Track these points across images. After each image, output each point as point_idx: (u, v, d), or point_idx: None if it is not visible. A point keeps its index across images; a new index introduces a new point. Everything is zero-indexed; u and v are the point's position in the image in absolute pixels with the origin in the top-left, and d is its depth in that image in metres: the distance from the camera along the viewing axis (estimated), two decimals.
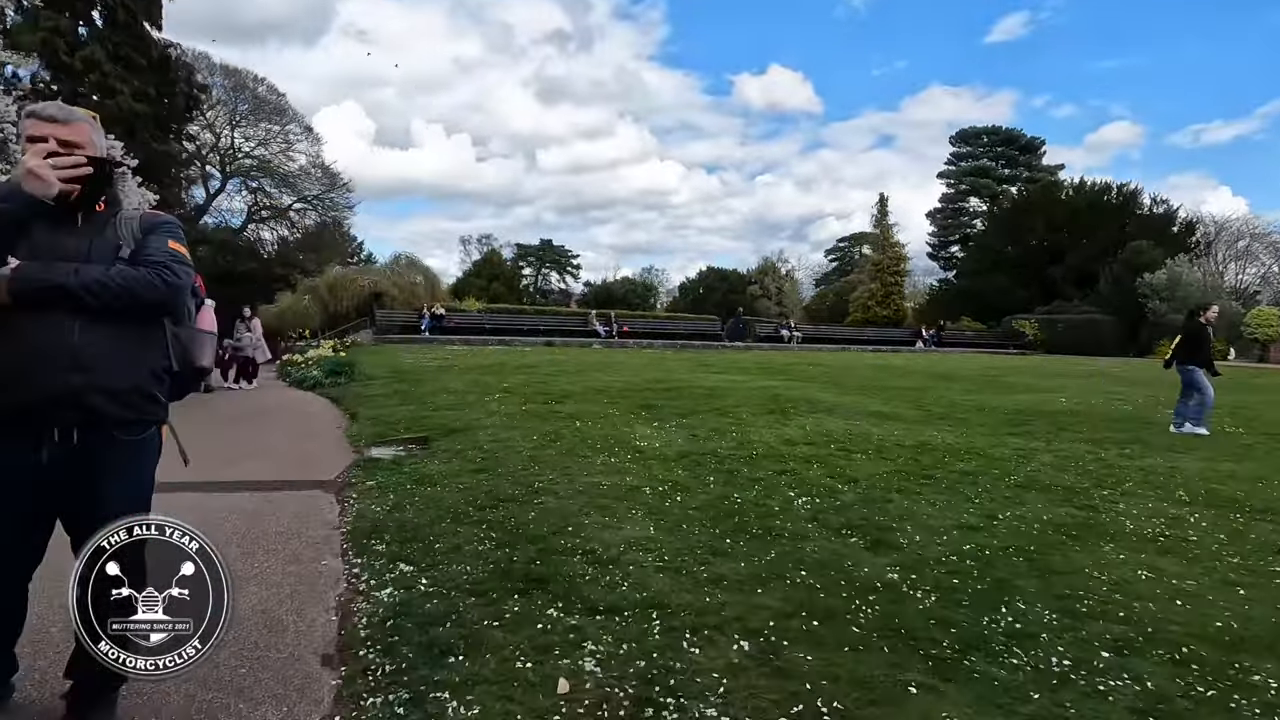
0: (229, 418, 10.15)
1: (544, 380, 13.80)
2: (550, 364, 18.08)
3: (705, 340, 31.55)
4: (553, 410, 9.68)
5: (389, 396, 11.38)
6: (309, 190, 43.89)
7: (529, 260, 79.38)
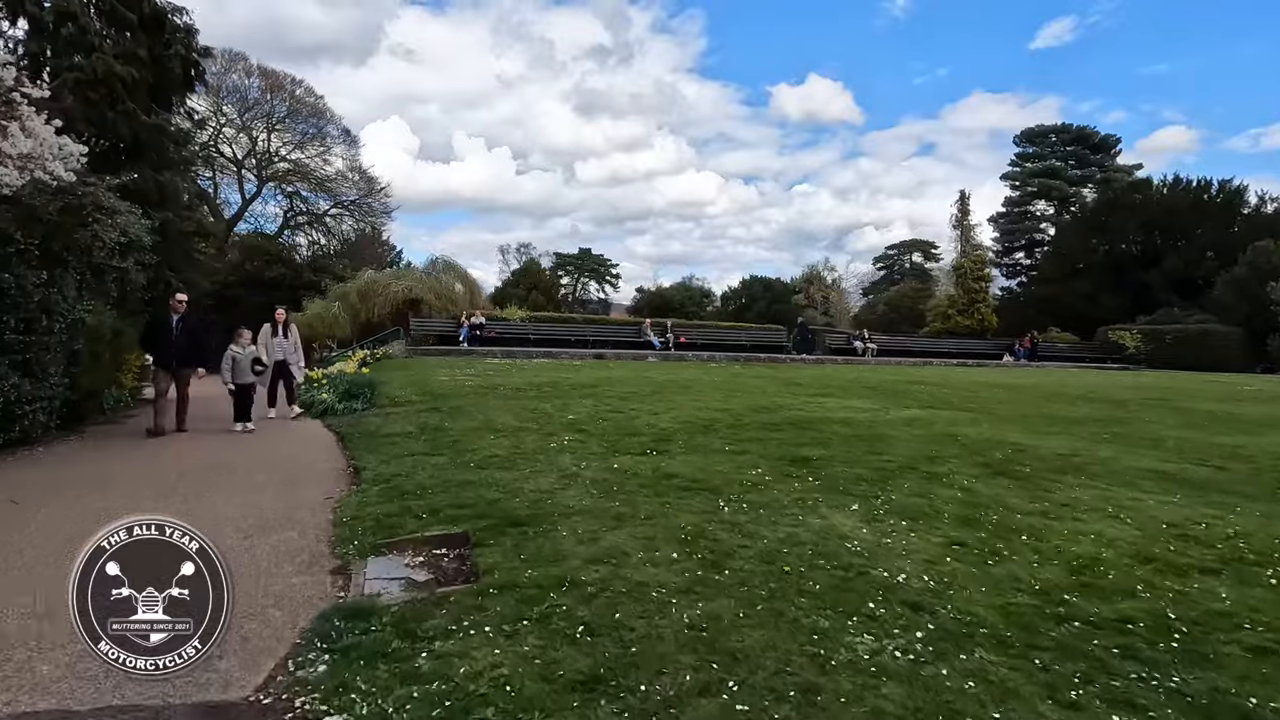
0: (145, 477, 6.73)
1: (618, 410, 10.23)
2: (612, 383, 14.54)
3: (770, 352, 27.79)
4: (661, 469, 6.12)
5: (414, 437, 7.93)
6: (346, 195, 41.36)
7: (567, 269, 76.67)
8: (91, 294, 9.70)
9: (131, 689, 2.40)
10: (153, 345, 9.10)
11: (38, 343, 7.49)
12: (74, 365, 8.85)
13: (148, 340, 9.20)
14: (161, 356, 8.96)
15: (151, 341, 9.09)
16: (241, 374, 9.52)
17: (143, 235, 10.72)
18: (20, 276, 7.15)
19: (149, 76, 13.32)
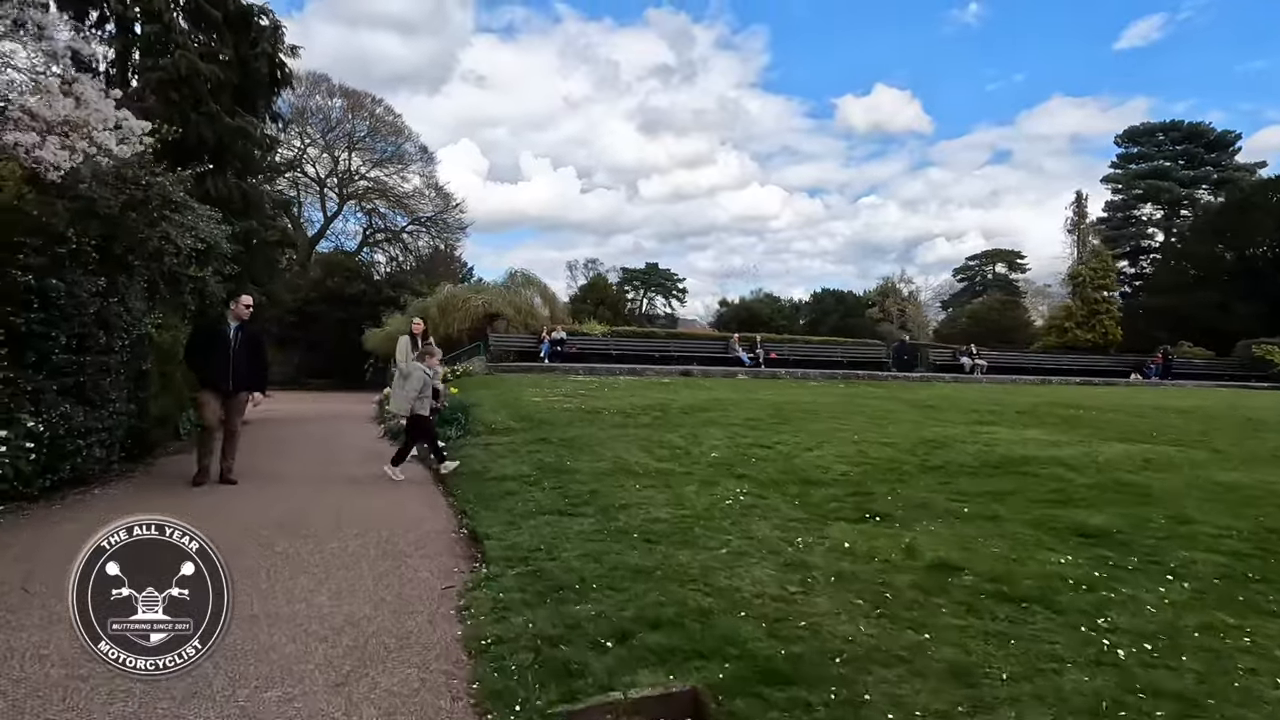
0: None
1: (761, 443, 8.36)
2: (724, 406, 12.61)
3: (868, 369, 25.32)
4: (913, 550, 4.21)
5: (534, 483, 6.22)
6: (422, 211, 41.04)
7: (633, 284, 75.54)
8: (164, 307, 8.44)
9: None
10: (200, 359, 6.78)
11: (94, 363, 6.13)
12: (141, 388, 7.53)
13: (193, 353, 6.86)
14: (212, 375, 6.72)
15: (198, 354, 6.81)
16: (425, 403, 7.52)
17: (221, 240, 9.47)
18: (73, 283, 5.79)
19: (234, 78, 12.32)
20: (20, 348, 5.49)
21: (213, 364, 6.72)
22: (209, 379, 6.77)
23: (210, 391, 6.76)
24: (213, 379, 6.76)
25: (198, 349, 6.86)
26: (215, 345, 6.74)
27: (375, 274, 38.16)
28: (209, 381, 6.77)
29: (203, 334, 6.99)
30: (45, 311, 5.60)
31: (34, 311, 5.51)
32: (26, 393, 5.48)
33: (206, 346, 6.79)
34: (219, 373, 6.73)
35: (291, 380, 31.41)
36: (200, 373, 6.84)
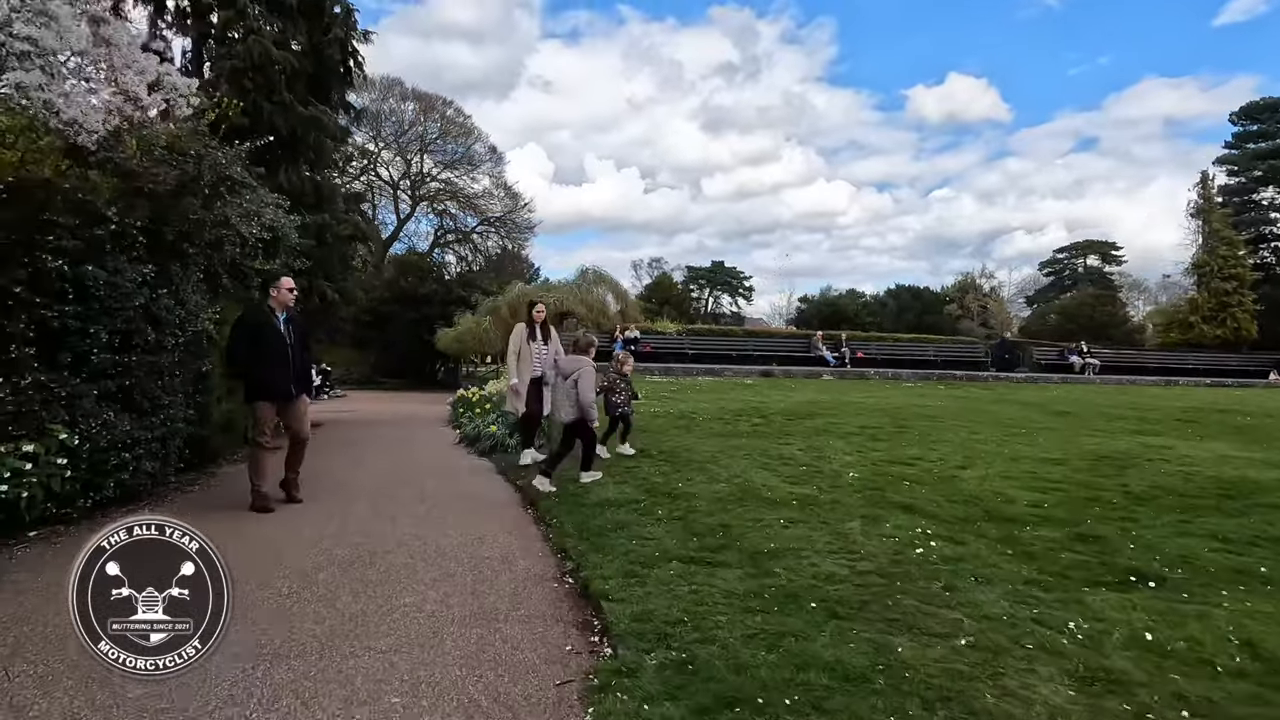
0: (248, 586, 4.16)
1: (901, 459, 6.95)
2: (827, 411, 11.14)
3: (965, 369, 23.16)
4: (1240, 641, 2.65)
5: (647, 513, 5.02)
6: (492, 211, 40.81)
7: (699, 283, 74.13)
8: (228, 301, 7.65)
9: None
10: (249, 361, 5.42)
11: (141, 364, 5.27)
12: (201, 391, 6.72)
13: (239, 354, 5.47)
14: (269, 380, 5.44)
15: (247, 355, 5.42)
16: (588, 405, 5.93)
17: (289, 231, 8.68)
18: (115, 271, 4.92)
19: (307, 66, 11.66)
20: (53, 346, 4.64)
21: (267, 365, 5.41)
22: (264, 385, 5.44)
23: (266, 401, 5.49)
24: (269, 384, 5.46)
25: (244, 348, 5.43)
26: (267, 342, 5.41)
27: (446, 274, 38.12)
28: (264, 388, 5.44)
29: (248, 329, 5.45)
30: (82, 304, 4.74)
31: (69, 303, 4.66)
32: (61, 399, 4.63)
33: (255, 344, 5.40)
34: (277, 376, 5.47)
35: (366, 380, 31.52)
36: (252, 378, 5.45)
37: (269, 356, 5.44)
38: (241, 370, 5.56)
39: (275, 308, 5.60)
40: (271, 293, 5.66)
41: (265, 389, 5.49)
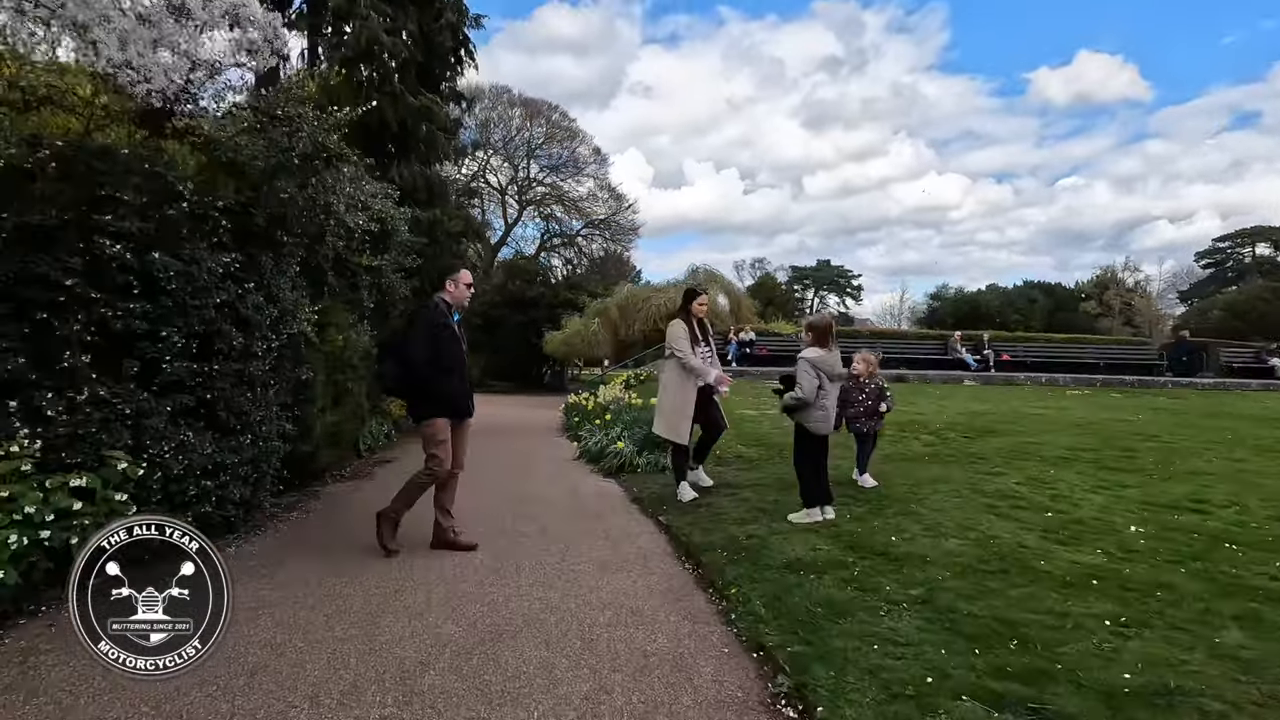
0: (355, 675, 2.94)
1: (1179, 503, 5.04)
2: (1005, 424, 9.12)
3: (1134, 373, 19.81)
4: None
5: (856, 575, 3.52)
6: (596, 213, 40.27)
7: (804, 283, 71.09)
8: (335, 301, 6.80)
9: None
10: (428, 368, 4.26)
11: (225, 373, 4.32)
12: (302, 403, 5.82)
13: (419, 357, 4.27)
14: (449, 392, 4.36)
15: (426, 361, 4.26)
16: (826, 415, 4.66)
17: (399, 223, 7.80)
18: (191, 260, 3.97)
19: (417, 54, 10.94)
20: (116, 353, 3.72)
21: (448, 376, 4.32)
22: (445, 399, 4.34)
23: (445, 419, 4.38)
24: (451, 399, 4.37)
25: (425, 354, 4.26)
26: (446, 348, 4.32)
27: (552, 278, 37.94)
28: (445, 402, 4.35)
29: (427, 331, 4.31)
30: (151, 300, 3.81)
31: (134, 300, 3.73)
32: (125, 418, 3.70)
33: (434, 350, 4.28)
34: (459, 388, 4.41)
35: (476, 383, 31.70)
36: (430, 390, 4.31)
37: (450, 365, 4.36)
38: (420, 381, 4.31)
39: (452, 307, 4.51)
40: (448, 287, 4.54)
41: (446, 403, 4.38)
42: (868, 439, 5.69)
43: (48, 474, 3.39)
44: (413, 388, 4.40)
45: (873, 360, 5.70)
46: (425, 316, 4.43)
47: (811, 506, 4.67)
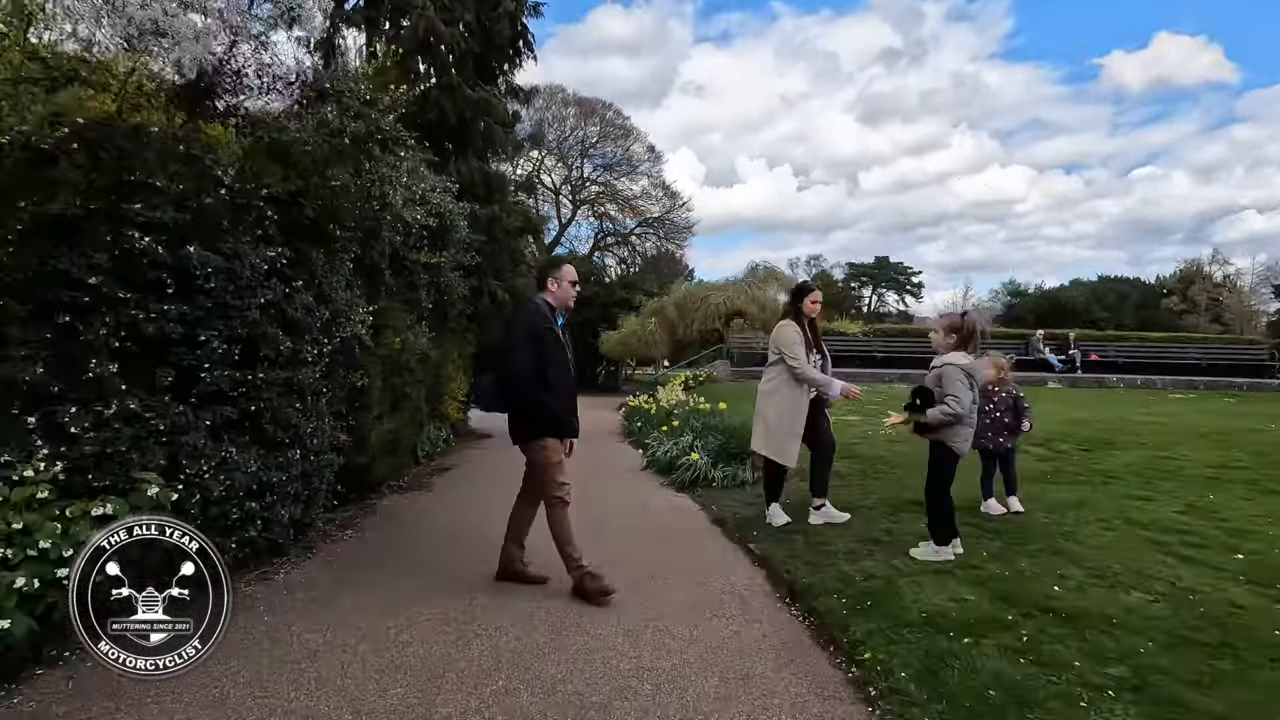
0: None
1: None
2: (1109, 434, 8.08)
3: (1247, 377, 17.98)
4: None
5: (1030, 649, 2.67)
6: (650, 211, 39.67)
7: (861, 280, 68.88)
8: (392, 301, 6.35)
9: None
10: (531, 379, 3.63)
11: (272, 381, 3.85)
12: (357, 412, 5.37)
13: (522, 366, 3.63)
14: (558, 407, 3.72)
15: (530, 371, 3.62)
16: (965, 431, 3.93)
17: (458, 218, 7.33)
18: (233, 255, 3.51)
19: (474, 45, 10.51)
20: (148, 360, 3.27)
21: (556, 388, 3.66)
22: (554, 415, 3.71)
23: (555, 439, 3.76)
24: (561, 415, 3.74)
25: (529, 362, 3.59)
26: (551, 356, 3.65)
27: (606, 277, 37.53)
28: (555, 419, 3.72)
29: (530, 335, 3.63)
30: (187, 300, 3.34)
31: (169, 300, 3.28)
32: (159, 435, 3.25)
33: (538, 359, 3.61)
34: (569, 403, 3.79)
35: None
36: (535, 405, 3.66)
37: (558, 375, 3.68)
38: (523, 396, 3.66)
39: (555, 306, 3.84)
40: (549, 286, 3.85)
41: (554, 421, 3.73)
42: (1000, 458, 4.86)
43: (71, 499, 2.95)
44: (514, 404, 3.75)
45: (1004, 364, 4.86)
46: (525, 321, 3.74)
47: (945, 543, 3.91)
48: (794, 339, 4.67)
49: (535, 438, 3.74)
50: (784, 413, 4.72)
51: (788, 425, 4.72)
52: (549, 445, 3.73)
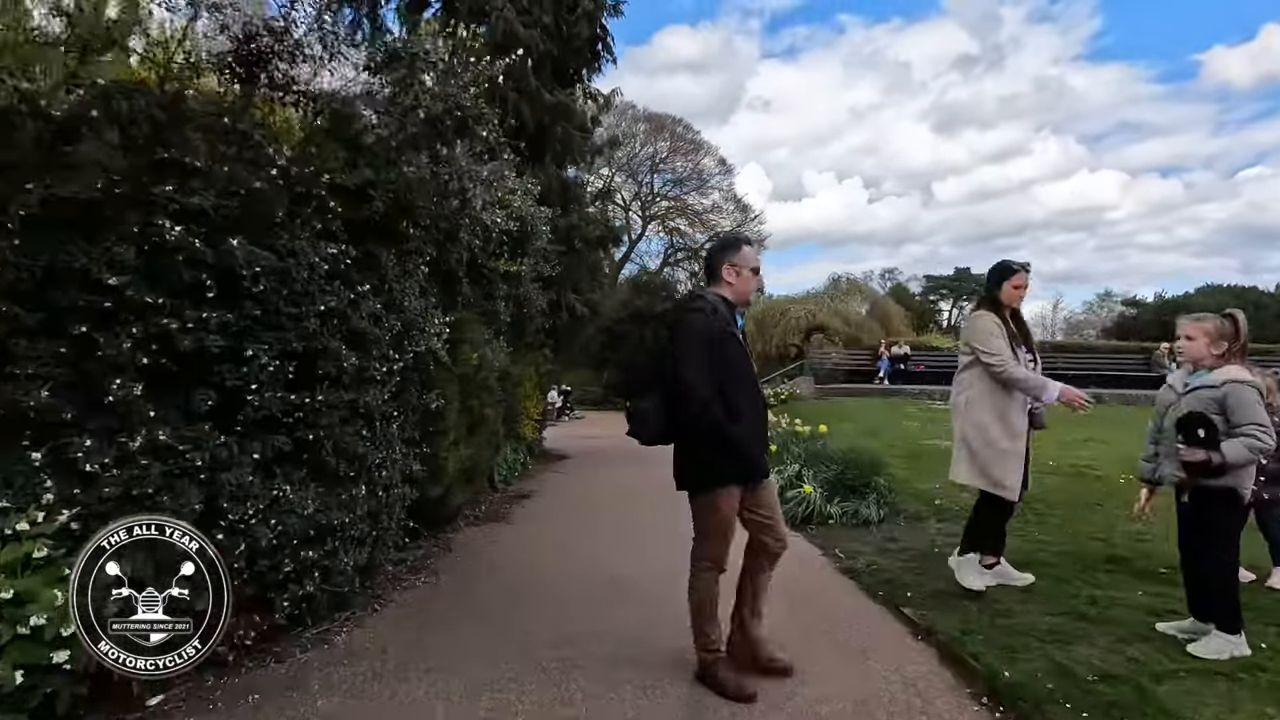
0: None
1: None
2: None
3: None
4: None
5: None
6: (722, 225, 38.77)
7: (940, 293, 65.62)
8: (469, 312, 5.72)
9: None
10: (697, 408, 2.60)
11: (333, 404, 3.19)
12: (431, 438, 4.70)
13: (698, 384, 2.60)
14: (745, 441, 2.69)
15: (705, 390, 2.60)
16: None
17: (540, 224, 6.70)
18: (287, 253, 2.88)
19: (553, 49, 10.00)
20: (183, 379, 2.65)
21: (742, 414, 2.69)
22: (741, 453, 2.69)
23: (735, 491, 2.75)
24: (746, 452, 2.71)
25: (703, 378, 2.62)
26: (734, 370, 2.72)
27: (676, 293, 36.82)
28: (741, 458, 2.70)
29: (703, 342, 2.68)
30: (231, 306, 2.72)
31: (208, 306, 2.65)
32: (195, 471, 2.62)
33: (718, 373, 2.66)
34: (757, 434, 2.82)
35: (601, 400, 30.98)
36: (719, 440, 2.65)
37: (744, 395, 2.73)
38: (697, 423, 2.63)
39: (733, 306, 2.85)
40: (724, 275, 2.85)
41: (741, 459, 2.70)
42: (1262, 510, 3.71)
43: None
44: (686, 437, 2.75)
45: (1274, 385, 3.68)
46: (697, 324, 2.72)
47: (1238, 631, 2.84)
48: (991, 330, 3.58)
49: (710, 485, 2.71)
50: (989, 428, 3.59)
51: (1000, 443, 3.56)
52: (720, 502, 2.72)
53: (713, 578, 2.82)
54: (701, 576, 2.83)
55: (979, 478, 3.63)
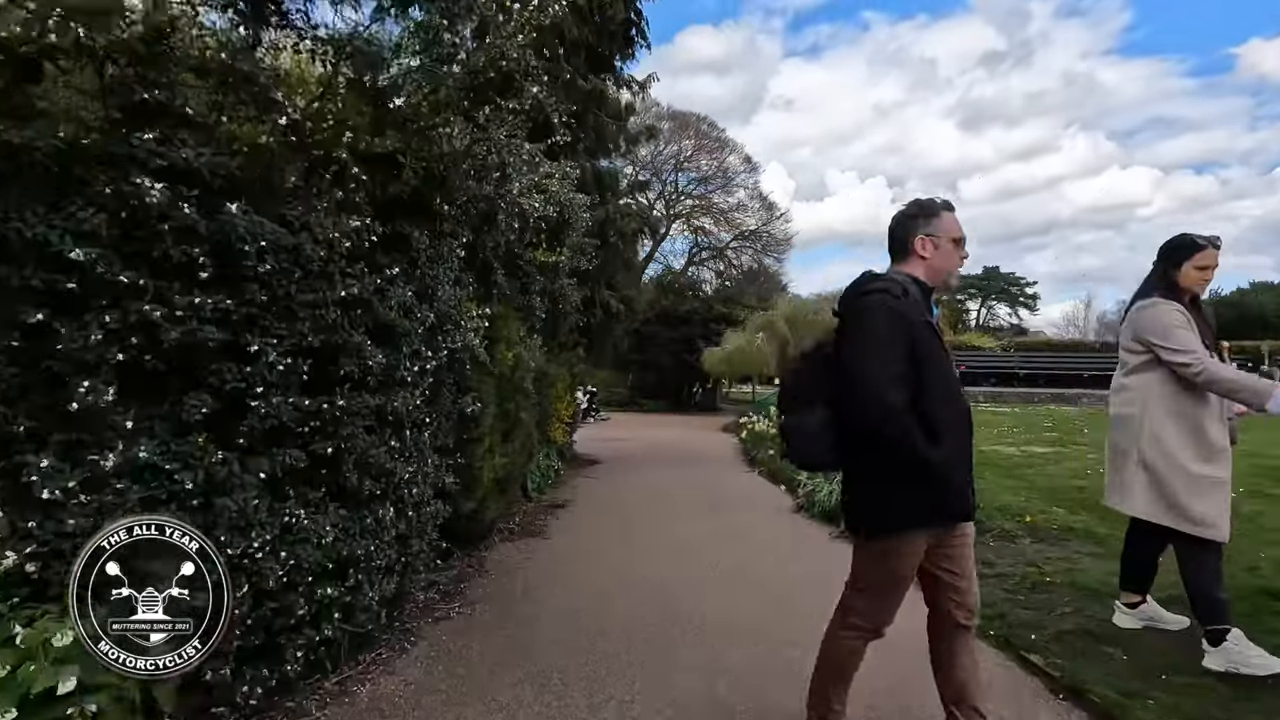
0: None
1: None
2: None
3: None
4: None
5: None
6: (747, 224, 38.03)
7: (969, 292, 64.37)
8: (507, 306, 5.18)
9: None
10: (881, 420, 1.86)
11: (356, 410, 2.65)
12: (466, 445, 4.16)
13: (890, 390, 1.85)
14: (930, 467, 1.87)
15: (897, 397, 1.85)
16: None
17: (580, 212, 6.15)
18: (300, 227, 2.33)
19: (587, 34, 9.45)
20: (171, 383, 2.12)
21: (953, 434, 1.96)
22: (940, 485, 1.92)
23: (922, 535, 1.99)
24: (945, 483, 1.93)
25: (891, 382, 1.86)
26: (935, 372, 1.96)
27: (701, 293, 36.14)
28: (934, 492, 1.93)
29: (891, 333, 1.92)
30: (231, 292, 2.18)
31: (201, 291, 2.12)
32: (185, 496, 2.08)
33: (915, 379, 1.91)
34: (960, 461, 2.00)
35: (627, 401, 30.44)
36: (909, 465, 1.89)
37: (946, 407, 1.99)
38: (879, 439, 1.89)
39: (928, 291, 2.13)
40: (917, 248, 2.16)
41: (938, 493, 1.95)
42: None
43: (44, 604, 1.81)
44: (863, 463, 2.01)
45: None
46: (884, 308, 1.97)
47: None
48: (1175, 320, 2.77)
49: (895, 527, 1.99)
50: (1181, 448, 2.79)
51: (1197, 468, 2.77)
52: (903, 549, 2.00)
53: (863, 643, 2.16)
54: (846, 636, 2.16)
55: (1168, 512, 2.82)
